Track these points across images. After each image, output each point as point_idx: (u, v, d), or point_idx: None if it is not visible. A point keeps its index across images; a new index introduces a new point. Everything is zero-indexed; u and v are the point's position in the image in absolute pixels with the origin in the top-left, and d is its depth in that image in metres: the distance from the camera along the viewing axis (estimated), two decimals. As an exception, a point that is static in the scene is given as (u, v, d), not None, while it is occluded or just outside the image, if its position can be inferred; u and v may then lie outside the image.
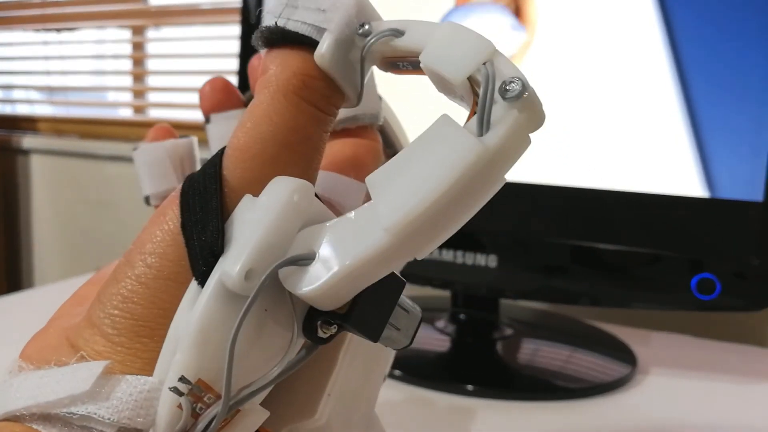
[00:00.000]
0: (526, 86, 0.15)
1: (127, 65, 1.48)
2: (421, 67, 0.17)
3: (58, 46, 1.54)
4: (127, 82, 1.49)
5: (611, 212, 0.47)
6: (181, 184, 0.18)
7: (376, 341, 0.17)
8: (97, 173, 1.35)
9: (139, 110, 1.47)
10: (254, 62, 0.27)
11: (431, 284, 0.54)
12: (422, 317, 0.18)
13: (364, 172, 0.16)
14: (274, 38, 0.18)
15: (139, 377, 0.16)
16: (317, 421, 0.20)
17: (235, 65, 0.60)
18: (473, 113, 0.16)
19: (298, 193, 0.16)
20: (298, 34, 0.18)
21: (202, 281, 0.16)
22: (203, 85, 0.28)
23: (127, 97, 1.52)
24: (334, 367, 0.20)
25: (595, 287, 0.48)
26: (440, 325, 0.57)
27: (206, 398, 0.16)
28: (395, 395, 0.46)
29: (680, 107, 0.45)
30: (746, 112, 0.43)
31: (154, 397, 0.16)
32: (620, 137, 0.47)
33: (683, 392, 0.47)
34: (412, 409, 0.44)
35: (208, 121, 0.28)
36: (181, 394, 0.15)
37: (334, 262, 0.15)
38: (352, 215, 0.16)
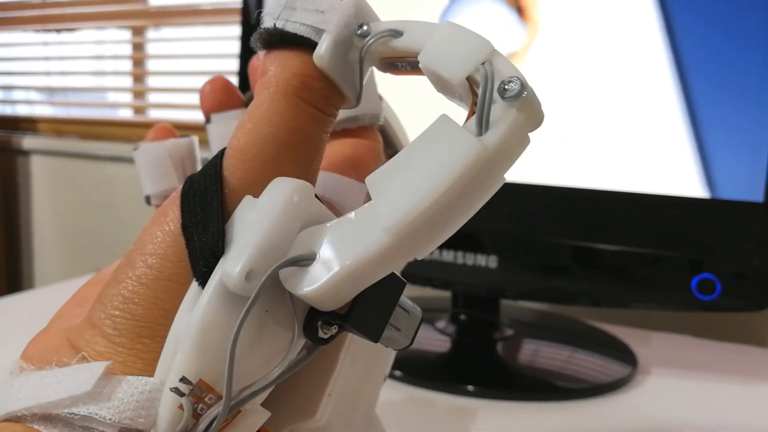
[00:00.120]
0: (524, 86, 0.15)
1: (127, 66, 1.48)
2: (419, 67, 0.17)
3: (58, 46, 1.54)
4: (127, 82, 1.49)
5: (611, 212, 0.47)
6: (181, 184, 0.18)
7: (376, 342, 0.17)
8: (97, 174, 1.35)
9: (139, 111, 1.47)
10: (255, 62, 0.27)
11: (432, 285, 0.54)
12: (422, 318, 0.18)
13: (364, 172, 0.16)
14: (273, 40, 0.18)
15: (140, 378, 0.16)
16: (318, 421, 0.20)
17: (235, 66, 0.60)
18: (472, 113, 0.16)
19: (298, 193, 0.16)
20: (296, 35, 0.18)
21: (202, 282, 0.16)
22: (204, 85, 0.28)
23: (127, 97, 1.52)
24: (334, 367, 0.20)
25: (595, 287, 0.48)
26: (441, 325, 0.57)
27: (207, 399, 0.16)
28: (395, 395, 0.46)
29: (680, 107, 0.45)
30: (746, 112, 0.43)
31: (155, 397, 0.16)
32: (621, 137, 0.47)
33: (684, 393, 0.47)
34: (412, 409, 0.44)
35: (208, 121, 0.28)
36: (182, 394, 0.15)
37: (334, 262, 0.15)
38: (352, 215, 0.16)
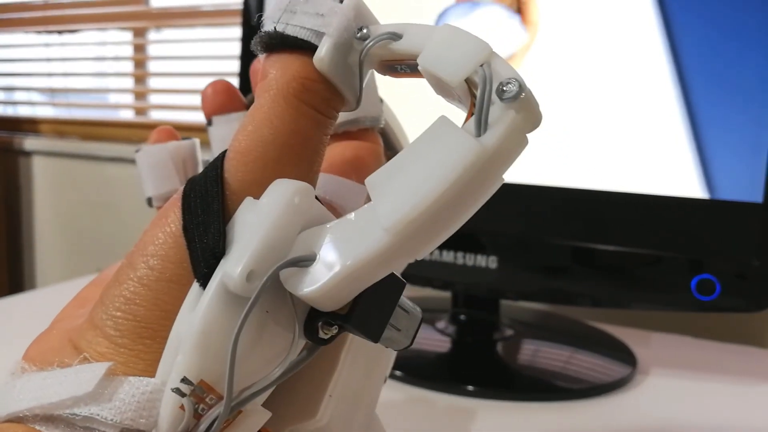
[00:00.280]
0: (522, 87, 0.15)
1: (128, 67, 1.48)
2: (419, 69, 0.18)
3: (59, 48, 1.54)
4: (128, 83, 1.49)
5: (611, 213, 0.47)
6: (183, 186, 0.18)
7: (376, 342, 0.17)
8: (98, 175, 1.35)
9: (140, 112, 1.47)
10: (256, 65, 0.27)
11: (432, 285, 0.54)
12: (423, 318, 0.18)
13: (365, 174, 0.16)
14: (273, 43, 0.19)
15: (141, 378, 0.16)
16: (318, 421, 0.20)
17: (236, 67, 0.60)
18: (471, 114, 0.16)
19: (298, 195, 0.17)
20: (297, 38, 0.18)
21: (203, 283, 0.16)
22: (205, 87, 0.28)
23: (128, 98, 1.52)
24: (335, 368, 0.20)
25: (595, 288, 0.48)
26: (441, 325, 0.57)
27: (208, 399, 0.16)
28: (396, 396, 0.46)
29: (680, 108, 0.45)
30: (746, 112, 0.43)
31: (156, 398, 0.16)
32: (620, 138, 0.47)
33: (683, 393, 0.47)
34: (412, 409, 0.44)
35: (210, 123, 0.29)
36: (183, 395, 0.15)
37: (334, 262, 0.15)
38: (352, 216, 0.16)
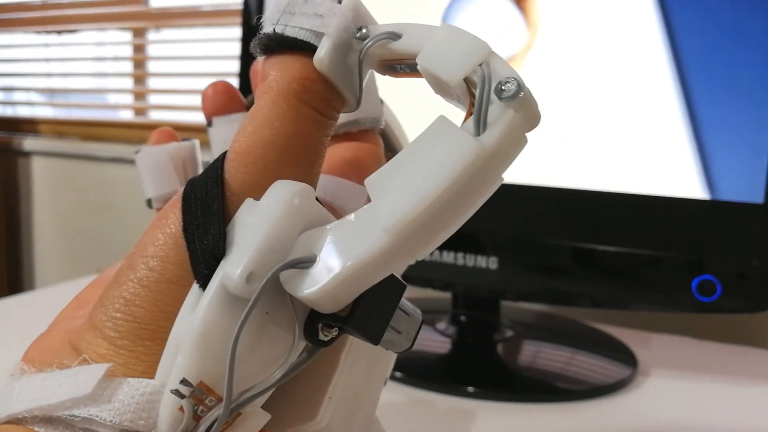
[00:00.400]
0: (521, 86, 0.15)
1: (127, 67, 1.48)
2: (418, 69, 0.18)
3: (58, 48, 1.54)
4: (127, 84, 1.49)
5: (612, 214, 0.47)
6: (183, 187, 0.18)
7: (377, 344, 0.17)
8: (98, 175, 1.35)
9: (139, 112, 1.47)
10: (256, 66, 0.27)
11: (432, 286, 0.54)
12: (423, 319, 0.18)
13: (365, 175, 0.16)
14: (272, 44, 0.19)
15: (140, 380, 0.16)
16: (318, 424, 0.20)
17: (236, 67, 0.60)
18: (470, 114, 0.16)
19: (299, 196, 0.17)
20: (296, 39, 0.18)
21: (203, 284, 0.16)
22: (206, 88, 0.28)
23: (127, 99, 1.52)
24: (335, 370, 0.20)
25: (595, 289, 0.48)
26: (441, 326, 0.57)
27: (208, 401, 0.16)
28: (396, 397, 0.46)
29: (681, 109, 0.45)
30: (746, 112, 0.43)
31: (155, 399, 0.16)
32: (621, 139, 0.47)
33: (684, 394, 0.47)
34: (413, 411, 0.44)
35: (210, 124, 0.29)
36: (182, 396, 0.15)
37: (334, 264, 0.15)
38: (352, 217, 0.16)
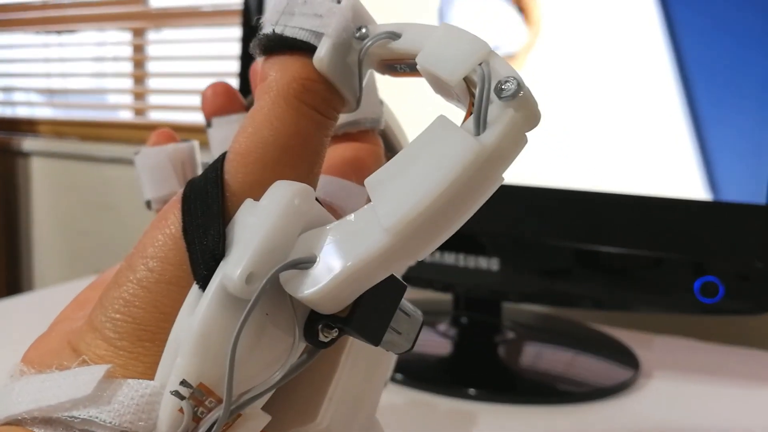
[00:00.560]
0: (521, 85, 0.15)
1: (127, 67, 1.48)
2: (417, 68, 0.18)
3: (58, 48, 1.54)
4: (127, 84, 1.49)
5: (614, 215, 0.47)
6: (182, 188, 0.18)
7: (377, 345, 0.17)
8: (97, 176, 1.35)
9: (139, 113, 1.47)
10: (256, 66, 0.27)
11: (433, 287, 0.54)
12: (424, 321, 0.18)
13: (365, 176, 0.16)
14: (272, 45, 0.19)
15: (140, 381, 0.16)
16: (318, 425, 0.20)
17: (236, 68, 0.60)
18: (470, 113, 0.16)
19: (298, 197, 0.16)
20: (296, 39, 0.18)
21: (203, 285, 0.16)
22: (205, 89, 0.28)
23: (127, 99, 1.52)
24: (335, 371, 0.20)
25: (597, 290, 0.48)
26: (442, 328, 0.57)
27: (207, 402, 0.16)
28: (397, 399, 0.46)
29: (683, 109, 0.45)
30: (749, 112, 0.43)
31: (155, 401, 0.16)
32: (623, 139, 0.46)
33: (686, 396, 0.47)
34: (413, 413, 0.44)
35: (209, 125, 0.28)
36: (182, 398, 0.15)
37: (335, 264, 0.15)
38: (351, 217, 0.16)
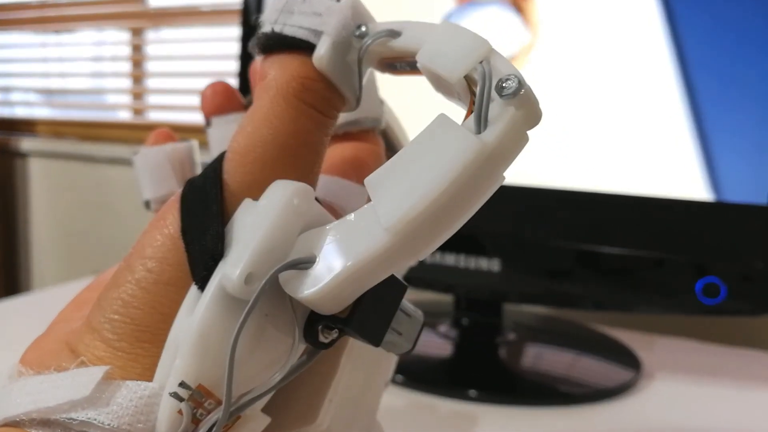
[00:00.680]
0: (522, 83, 0.15)
1: (125, 67, 1.48)
2: (418, 67, 0.17)
3: (56, 48, 1.54)
4: (126, 84, 1.49)
5: (615, 215, 0.47)
6: (180, 188, 0.18)
7: (377, 346, 0.17)
8: (95, 176, 1.35)
9: (138, 112, 1.47)
10: (256, 65, 0.27)
11: (433, 288, 0.54)
12: (424, 322, 0.18)
13: (365, 175, 0.16)
14: (271, 44, 0.19)
15: (139, 383, 0.16)
16: (318, 427, 0.20)
17: (235, 67, 0.60)
18: (470, 112, 0.16)
19: (298, 196, 0.16)
20: (295, 38, 0.18)
21: (202, 286, 0.16)
22: (205, 88, 0.28)
23: (125, 99, 1.52)
24: (335, 372, 0.20)
25: (599, 291, 0.48)
26: (443, 329, 0.57)
27: (207, 404, 0.16)
28: (397, 401, 0.45)
29: (685, 109, 0.44)
30: (751, 113, 0.43)
31: (154, 402, 0.16)
32: (625, 139, 0.46)
33: (688, 397, 0.47)
34: (414, 415, 0.44)
35: (209, 124, 0.28)
36: (181, 399, 0.15)
37: (334, 264, 0.15)
38: (351, 217, 0.16)
